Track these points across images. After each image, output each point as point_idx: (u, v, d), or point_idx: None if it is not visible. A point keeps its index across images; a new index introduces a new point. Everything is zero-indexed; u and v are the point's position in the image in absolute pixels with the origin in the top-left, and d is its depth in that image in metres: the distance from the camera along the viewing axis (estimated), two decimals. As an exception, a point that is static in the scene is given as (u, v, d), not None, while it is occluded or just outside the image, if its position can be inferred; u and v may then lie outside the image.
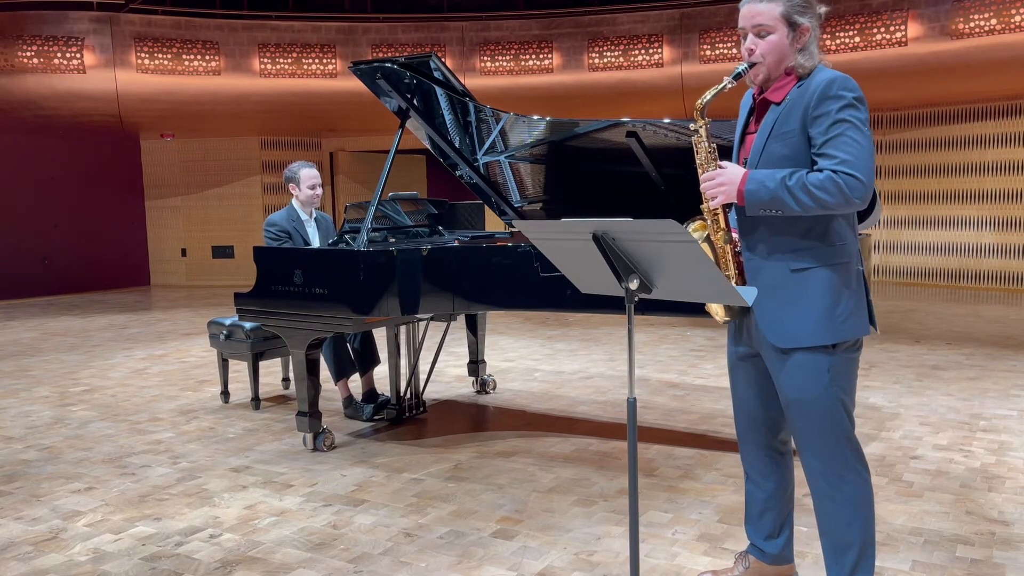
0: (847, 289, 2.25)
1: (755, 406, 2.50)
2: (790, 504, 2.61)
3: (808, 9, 2.23)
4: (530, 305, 4.16)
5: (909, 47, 9.45)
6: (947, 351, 6.59)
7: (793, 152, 2.20)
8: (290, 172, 4.89)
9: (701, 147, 2.30)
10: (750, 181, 2.19)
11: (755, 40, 2.22)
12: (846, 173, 2.10)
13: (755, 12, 2.21)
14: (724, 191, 2.23)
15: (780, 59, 2.22)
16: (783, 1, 2.19)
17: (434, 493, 3.68)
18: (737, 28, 2.27)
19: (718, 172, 2.25)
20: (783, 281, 2.25)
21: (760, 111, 2.32)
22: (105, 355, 7.20)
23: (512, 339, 7.63)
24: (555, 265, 2.40)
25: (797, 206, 2.14)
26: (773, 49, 2.21)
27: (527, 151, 4.55)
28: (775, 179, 2.16)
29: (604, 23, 11.11)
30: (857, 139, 2.12)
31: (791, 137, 2.20)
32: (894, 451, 4.11)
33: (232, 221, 13.07)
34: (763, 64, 2.23)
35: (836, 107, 2.14)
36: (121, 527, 3.36)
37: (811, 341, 2.23)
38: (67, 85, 10.52)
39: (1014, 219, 10.55)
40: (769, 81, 2.27)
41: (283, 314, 4.18)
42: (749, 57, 2.23)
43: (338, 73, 11.23)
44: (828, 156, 2.13)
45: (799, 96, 2.20)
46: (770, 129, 2.24)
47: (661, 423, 4.73)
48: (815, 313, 2.22)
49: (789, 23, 2.20)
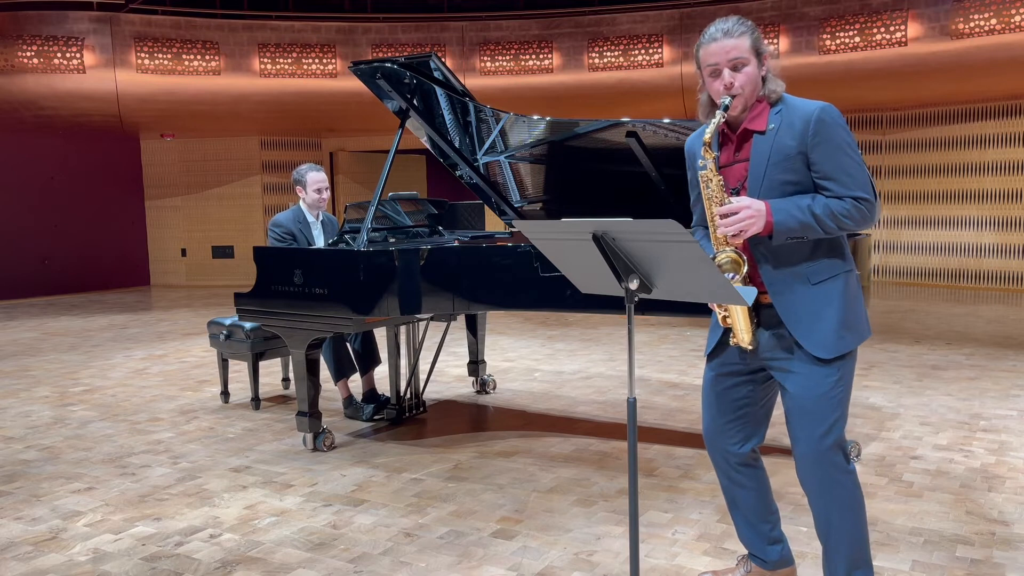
0: (857, 294, 2.38)
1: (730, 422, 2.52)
2: (775, 511, 2.64)
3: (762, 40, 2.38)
4: (530, 305, 4.16)
5: (909, 47, 9.45)
6: (947, 351, 6.59)
7: (798, 177, 2.29)
8: (298, 174, 4.89)
9: (713, 181, 2.32)
10: (776, 212, 2.26)
11: (732, 74, 2.30)
12: (863, 199, 2.25)
13: (730, 47, 2.30)
14: (754, 224, 2.26)
15: (754, 88, 2.33)
16: (749, 34, 2.32)
17: (434, 493, 3.68)
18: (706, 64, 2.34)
19: (743, 205, 2.26)
20: (807, 294, 2.33)
21: (740, 142, 2.38)
22: (105, 355, 7.20)
23: (512, 339, 7.63)
24: (555, 265, 2.40)
25: (823, 230, 2.26)
26: (749, 80, 2.30)
27: (527, 151, 4.55)
28: (800, 208, 2.25)
29: (604, 23, 11.11)
30: (858, 162, 2.27)
31: (793, 163, 2.29)
32: (894, 451, 4.11)
33: (232, 221, 13.07)
34: (742, 96, 2.31)
35: (834, 135, 2.26)
36: (121, 527, 3.36)
37: (843, 348, 2.32)
38: (67, 85, 10.51)
39: (1014, 219, 10.55)
40: (744, 111, 2.35)
41: (283, 314, 4.18)
42: (728, 91, 2.30)
43: (338, 73, 11.23)
44: (838, 181, 2.25)
45: (787, 122, 2.29)
46: (767, 158, 2.31)
47: (661, 423, 4.73)
48: (837, 320, 2.31)
49: (757, 53, 2.32)
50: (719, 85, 2.31)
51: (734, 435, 2.53)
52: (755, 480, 2.58)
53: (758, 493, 2.58)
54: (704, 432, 2.60)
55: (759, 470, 2.60)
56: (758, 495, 2.58)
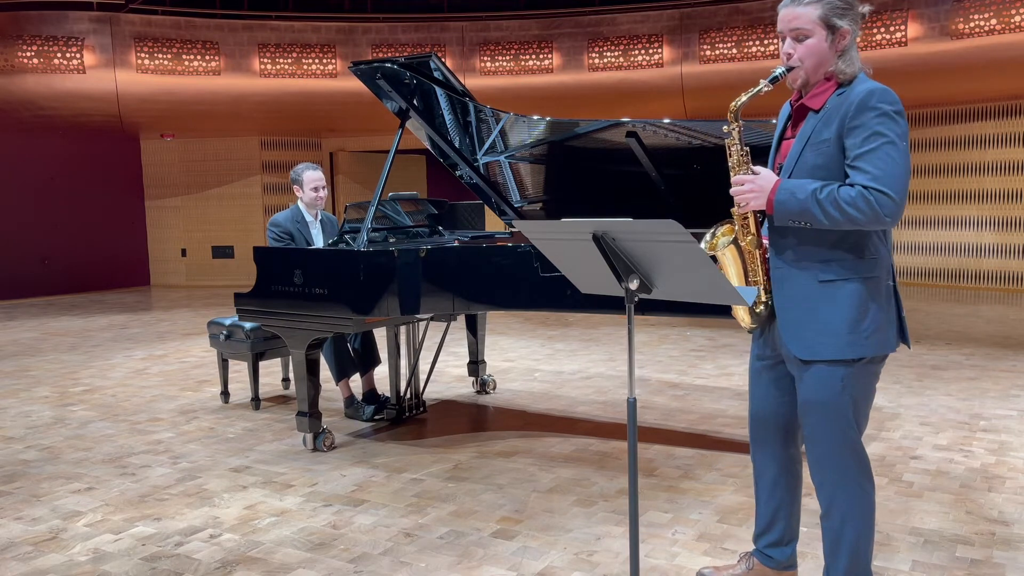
0: (874, 304, 2.21)
1: (771, 412, 2.49)
2: (798, 514, 2.61)
3: (848, 11, 2.17)
4: (530, 305, 4.16)
5: (909, 47, 9.45)
6: (947, 351, 6.59)
7: (826, 162, 2.16)
8: (295, 174, 4.89)
9: (734, 150, 2.24)
10: (780, 191, 2.15)
11: (793, 44, 2.17)
12: (878, 190, 2.06)
13: (793, 15, 2.16)
14: (755, 198, 2.19)
15: (819, 63, 2.17)
16: (822, 4, 2.13)
17: (434, 493, 3.68)
18: (760, 28, 2.25)
19: (750, 178, 2.20)
20: (810, 292, 2.22)
21: (798, 117, 2.28)
22: (105, 355, 7.20)
23: (512, 339, 7.63)
24: (555, 265, 2.40)
25: (826, 220, 2.10)
26: (811, 53, 2.16)
27: (527, 151, 4.56)
28: (806, 191, 2.12)
29: (604, 23, 11.11)
30: (892, 155, 2.07)
31: (826, 147, 2.15)
32: (894, 451, 4.11)
33: (232, 221, 13.07)
34: (801, 68, 2.18)
35: (874, 119, 2.09)
36: (121, 527, 3.36)
37: (832, 355, 2.20)
38: (67, 85, 10.52)
39: (1014, 219, 10.55)
40: (808, 86, 2.23)
41: (283, 314, 4.18)
42: (787, 61, 2.18)
43: (338, 73, 11.23)
44: (861, 170, 2.09)
45: (838, 105, 2.16)
46: (807, 138, 2.20)
47: (661, 423, 4.73)
48: (839, 327, 2.19)
49: (828, 26, 2.15)
50: (782, 54, 2.19)
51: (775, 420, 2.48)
52: (791, 473, 2.53)
53: (791, 490, 2.54)
54: (749, 414, 2.56)
55: (797, 471, 2.55)
56: (790, 491, 2.54)
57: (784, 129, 2.37)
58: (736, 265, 2.35)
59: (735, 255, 2.34)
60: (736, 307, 2.33)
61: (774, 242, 2.29)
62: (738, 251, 2.34)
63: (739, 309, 2.35)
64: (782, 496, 2.55)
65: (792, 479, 2.55)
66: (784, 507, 2.56)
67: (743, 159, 2.26)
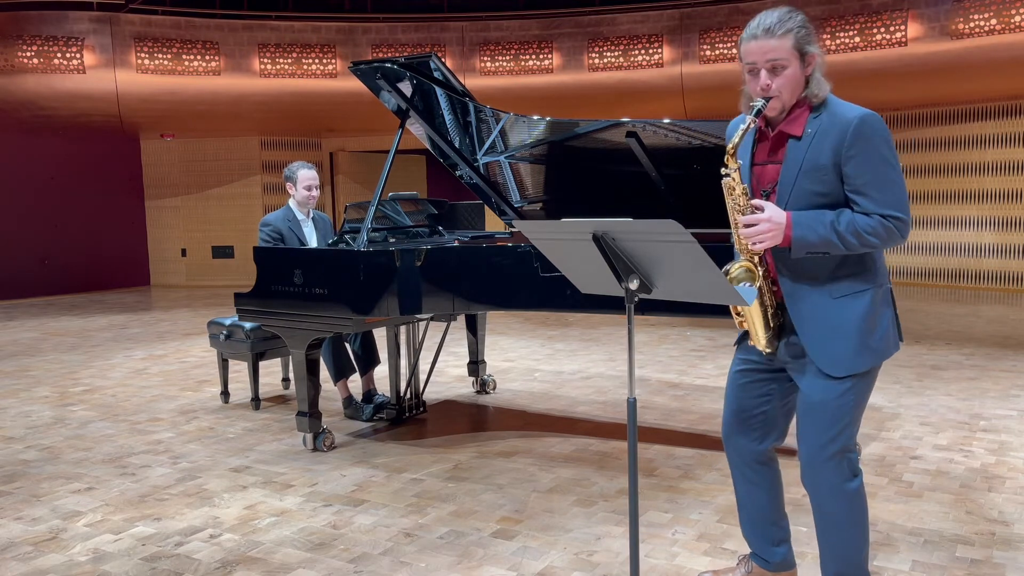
0: (884, 311, 2.29)
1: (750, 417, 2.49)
2: (784, 514, 2.61)
3: (812, 37, 2.23)
4: (530, 305, 4.16)
5: (909, 47, 9.45)
6: (947, 351, 6.59)
7: (827, 188, 2.21)
8: (289, 171, 4.90)
9: (736, 188, 2.24)
10: (796, 226, 2.18)
11: (769, 75, 2.20)
12: (894, 217, 2.16)
13: (768, 48, 2.18)
14: (772, 236, 2.19)
15: (794, 91, 2.22)
16: (792, 34, 2.18)
17: (434, 493, 3.68)
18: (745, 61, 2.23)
19: (764, 217, 2.19)
20: (826, 309, 2.26)
21: (776, 144, 2.30)
22: (105, 355, 7.20)
23: (512, 339, 7.63)
24: (555, 265, 2.40)
25: (844, 248, 2.17)
26: (789, 83, 2.20)
27: (527, 151, 4.55)
28: (823, 223, 2.17)
29: (604, 23, 11.11)
30: (896, 180, 2.19)
31: (824, 174, 2.20)
32: (894, 451, 4.11)
33: (232, 221, 13.07)
34: (779, 98, 2.22)
35: (872, 147, 2.16)
36: (121, 527, 3.36)
37: (858, 367, 2.25)
38: (67, 85, 10.52)
39: (1014, 219, 10.55)
40: (782, 112, 2.26)
41: (283, 314, 4.18)
42: (766, 92, 2.20)
43: (338, 73, 11.23)
44: (871, 198, 2.16)
45: (824, 130, 2.20)
46: (799, 165, 2.22)
47: (661, 423, 4.73)
48: (856, 339, 2.24)
49: (801, 54, 2.20)
50: (756, 86, 2.21)
51: (752, 431, 2.48)
52: (768, 480, 2.54)
53: (770, 494, 2.55)
54: (723, 425, 2.56)
55: (774, 471, 2.56)
56: (770, 496, 2.55)
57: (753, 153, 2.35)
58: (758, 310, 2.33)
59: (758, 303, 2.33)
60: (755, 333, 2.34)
61: (781, 267, 2.30)
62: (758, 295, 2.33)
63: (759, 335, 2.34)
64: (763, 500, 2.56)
65: (771, 483, 2.55)
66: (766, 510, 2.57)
67: (745, 196, 2.25)
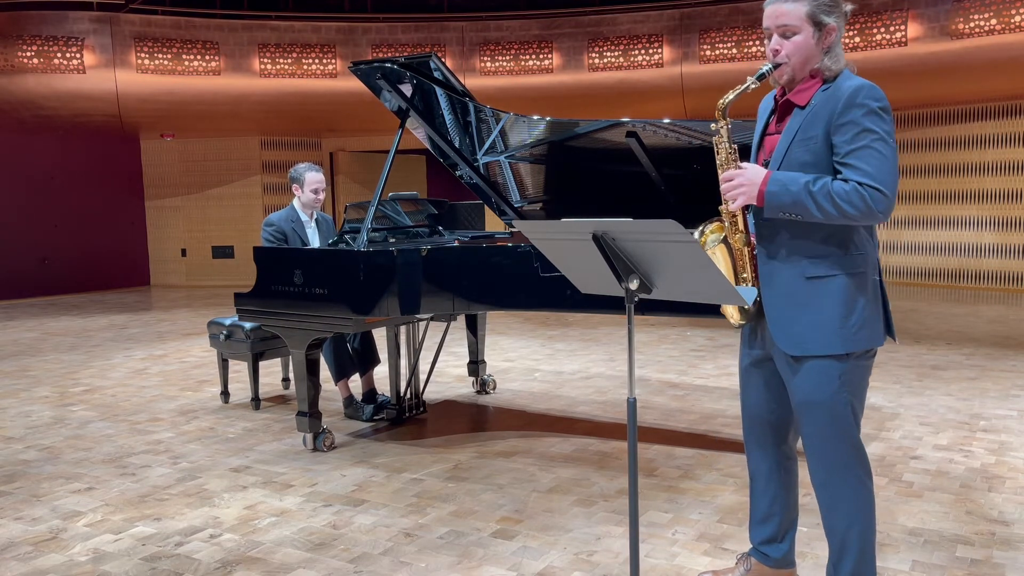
0: (862, 298, 2.23)
1: (764, 410, 2.49)
2: (795, 510, 2.61)
3: (834, 8, 2.18)
4: (530, 305, 4.16)
5: (909, 47, 9.45)
6: (947, 351, 6.59)
7: (815, 159, 2.17)
8: (295, 173, 4.88)
9: (722, 148, 2.25)
10: (772, 183, 2.15)
11: (780, 40, 2.18)
12: (871, 186, 2.08)
13: (780, 12, 2.16)
14: (744, 192, 2.19)
15: (805, 60, 2.18)
16: (808, 1, 2.15)
17: (434, 493, 3.68)
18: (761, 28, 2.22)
19: (737, 172, 2.21)
20: (797, 288, 2.23)
21: (783, 113, 2.29)
22: (105, 355, 7.20)
23: (512, 339, 7.63)
24: (555, 265, 2.40)
25: (818, 213, 2.11)
26: (798, 50, 2.17)
27: (527, 151, 4.56)
28: (798, 183, 2.13)
29: (604, 23, 11.11)
30: (883, 152, 2.10)
31: (814, 143, 2.16)
32: (894, 451, 4.10)
33: (232, 221, 13.07)
34: (788, 65, 2.19)
35: (862, 116, 2.10)
36: (121, 527, 3.36)
37: (822, 350, 2.21)
38: (67, 85, 10.52)
39: (1014, 219, 10.55)
40: (794, 82, 2.24)
41: (283, 314, 4.18)
42: (774, 58, 2.19)
43: (338, 73, 11.23)
44: (853, 167, 2.10)
45: (824, 101, 2.17)
46: (794, 134, 2.20)
47: (661, 423, 4.73)
48: (828, 322, 2.20)
49: (815, 23, 2.16)
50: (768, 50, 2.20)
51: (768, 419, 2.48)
52: (785, 470, 2.53)
53: (786, 486, 2.54)
54: (742, 414, 2.56)
55: (792, 461, 2.55)
56: (785, 487, 2.55)
57: (767, 124, 2.36)
58: (725, 263, 2.35)
59: (724, 254, 2.34)
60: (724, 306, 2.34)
61: (761, 238, 2.29)
62: (727, 249, 2.33)
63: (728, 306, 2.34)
64: (776, 491, 2.55)
65: (787, 475, 2.55)
66: (779, 501, 2.56)
67: (731, 156, 2.26)
